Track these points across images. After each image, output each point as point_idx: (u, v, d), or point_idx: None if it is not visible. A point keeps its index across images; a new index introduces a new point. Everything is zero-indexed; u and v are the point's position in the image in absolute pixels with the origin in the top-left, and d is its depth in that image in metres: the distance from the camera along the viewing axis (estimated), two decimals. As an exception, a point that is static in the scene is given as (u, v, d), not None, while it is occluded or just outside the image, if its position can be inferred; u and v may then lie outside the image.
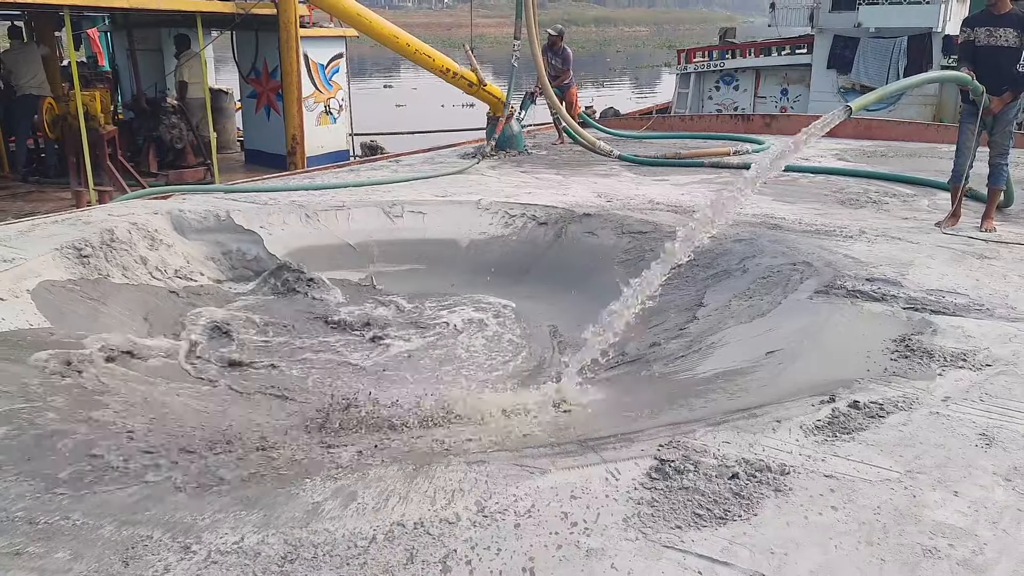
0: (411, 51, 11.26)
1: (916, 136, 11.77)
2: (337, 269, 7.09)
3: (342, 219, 7.55)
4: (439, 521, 2.69)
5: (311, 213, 7.50)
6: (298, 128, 13.85)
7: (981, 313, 4.58)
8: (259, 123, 15.22)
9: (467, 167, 9.80)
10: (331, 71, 15.26)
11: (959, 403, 3.49)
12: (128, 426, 3.64)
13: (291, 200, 7.83)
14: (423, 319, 6.11)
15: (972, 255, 5.80)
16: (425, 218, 7.65)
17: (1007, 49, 6.30)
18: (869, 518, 2.68)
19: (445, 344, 5.72)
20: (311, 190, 8.35)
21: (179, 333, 5.43)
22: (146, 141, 13.61)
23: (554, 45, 12.09)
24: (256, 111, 15.18)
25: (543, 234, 7.33)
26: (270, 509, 2.78)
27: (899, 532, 2.60)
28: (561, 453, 3.21)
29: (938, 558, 2.47)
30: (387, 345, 5.64)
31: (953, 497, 2.80)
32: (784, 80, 18.97)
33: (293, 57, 13.44)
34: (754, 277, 5.59)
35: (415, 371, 5.22)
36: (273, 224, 7.21)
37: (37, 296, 5.14)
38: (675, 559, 2.47)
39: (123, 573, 2.44)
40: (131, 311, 5.62)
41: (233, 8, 13.03)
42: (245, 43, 14.70)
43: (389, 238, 7.45)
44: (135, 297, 5.80)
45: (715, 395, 3.89)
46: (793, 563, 2.45)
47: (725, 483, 2.87)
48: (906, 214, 7.19)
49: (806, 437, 3.21)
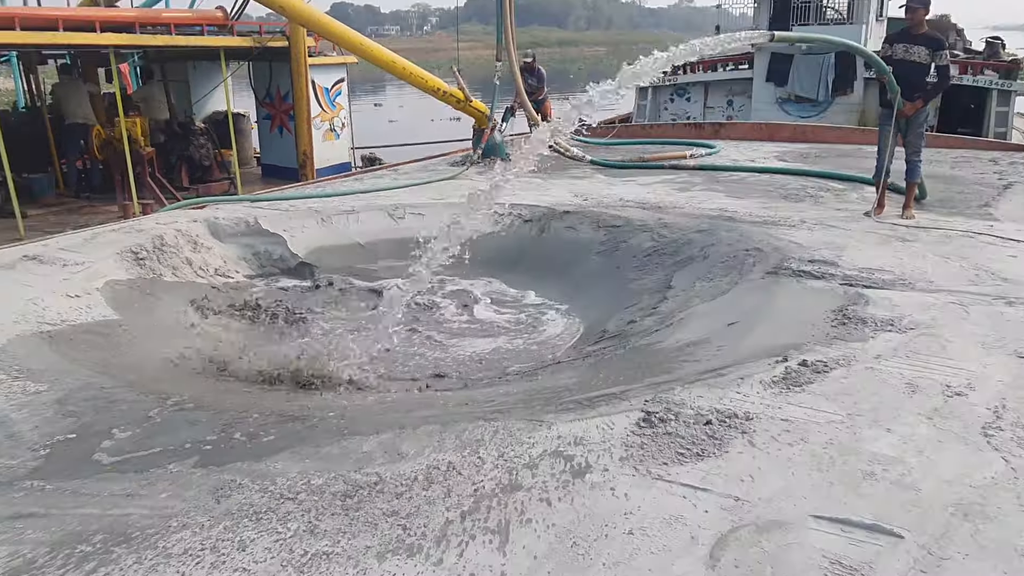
0: (407, 73, 11.27)
1: (844, 139, 11.86)
2: (350, 265, 7.12)
3: (352, 221, 7.54)
4: (468, 465, 2.83)
5: (325, 217, 7.48)
6: (308, 144, 13.91)
7: (904, 287, 4.71)
8: (273, 141, 15.22)
9: (458, 173, 9.72)
10: (334, 93, 15.25)
11: (888, 360, 3.64)
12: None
13: (308, 206, 7.81)
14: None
15: (896, 239, 5.90)
16: (424, 219, 7.54)
17: (919, 64, 6.48)
18: (819, 451, 2.84)
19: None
20: (324, 197, 8.34)
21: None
22: (178, 160, 13.63)
23: (530, 67, 12.23)
24: (271, 130, 15.19)
25: (528, 229, 7.31)
26: (328, 459, 2.92)
27: (843, 461, 2.77)
28: (563, 410, 3.32)
29: (876, 480, 2.66)
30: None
31: (886, 433, 2.97)
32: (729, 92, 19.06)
33: (303, 83, 13.51)
34: (714, 262, 5.64)
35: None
36: (294, 228, 7.19)
37: (105, 293, 5.21)
38: (664, 488, 2.64)
39: (216, 507, 2.58)
40: (185, 302, 5.68)
41: (251, 42, 13.06)
42: (260, 72, 14.70)
43: (394, 237, 7.37)
44: (184, 291, 5.86)
45: (687, 360, 3.97)
46: (759, 488, 2.62)
47: (701, 428, 3.02)
48: (839, 206, 7.26)
49: (765, 390, 3.35)
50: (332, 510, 2.55)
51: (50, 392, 3.63)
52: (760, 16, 19.68)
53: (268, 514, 2.53)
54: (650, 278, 5.90)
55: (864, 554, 2.28)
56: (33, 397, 3.57)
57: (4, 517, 2.55)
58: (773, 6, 19.40)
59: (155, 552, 2.34)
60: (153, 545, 2.38)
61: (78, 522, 2.51)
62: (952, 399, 3.25)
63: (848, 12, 19.21)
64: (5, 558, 2.33)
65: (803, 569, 2.21)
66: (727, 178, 8.90)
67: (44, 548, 2.37)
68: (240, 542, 2.38)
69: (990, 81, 16.66)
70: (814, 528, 2.40)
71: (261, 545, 2.37)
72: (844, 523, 2.42)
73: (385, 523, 2.47)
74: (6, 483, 2.78)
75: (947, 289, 4.66)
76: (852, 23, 18.68)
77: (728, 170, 9.37)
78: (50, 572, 2.27)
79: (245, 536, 2.41)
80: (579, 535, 2.39)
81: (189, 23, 12.75)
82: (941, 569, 2.22)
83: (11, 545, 2.39)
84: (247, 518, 2.51)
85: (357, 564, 2.27)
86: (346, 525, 2.46)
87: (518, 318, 5.99)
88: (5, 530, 2.47)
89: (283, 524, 2.47)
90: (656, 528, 2.42)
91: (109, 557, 2.33)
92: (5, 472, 2.87)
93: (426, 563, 2.28)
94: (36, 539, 2.42)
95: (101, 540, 2.41)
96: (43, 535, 2.44)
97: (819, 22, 19.11)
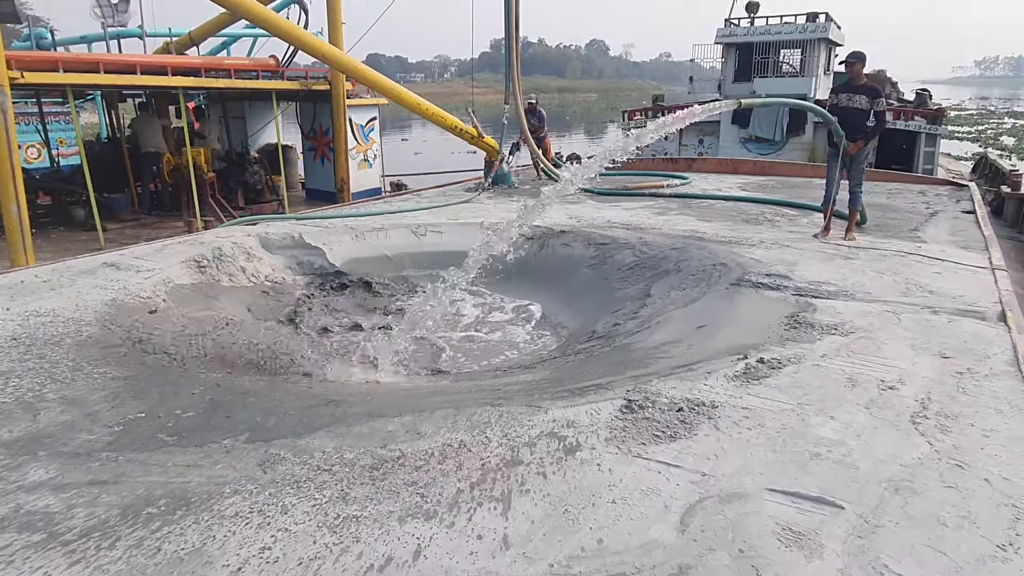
0: (430, 113, 11.35)
1: (796, 172, 11.85)
2: (378, 273, 7.14)
3: (381, 237, 7.54)
4: (477, 443, 2.82)
5: (359, 233, 7.49)
6: (345, 172, 13.93)
7: (847, 297, 4.70)
8: (316, 169, 15.27)
9: (471, 198, 9.77)
10: (368, 129, 15.30)
11: (833, 358, 3.63)
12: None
13: (344, 224, 7.82)
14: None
15: (839, 257, 5.89)
16: (443, 236, 7.62)
17: (860, 111, 6.47)
18: (773, 435, 2.83)
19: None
20: (358, 217, 8.37)
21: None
22: (235, 184, 13.67)
23: (532, 109, 12.26)
24: (314, 160, 15.25)
25: (531, 246, 7.27)
26: (358, 437, 2.92)
27: (794, 443, 2.76)
28: (558, 397, 3.31)
29: (821, 459, 2.65)
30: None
31: (830, 420, 2.96)
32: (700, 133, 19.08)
33: (341, 121, 13.54)
34: (687, 274, 5.62)
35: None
36: (332, 242, 7.19)
37: (171, 295, 5.23)
38: (642, 464, 2.62)
39: (262, 477, 2.58)
40: (238, 304, 5.70)
41: (299, 86, 13.13)
42: (306, 111, 14.76)
43: (416, 251, 7.42)
44: (239, 295, 5.87)
45: (663, 357, 3.95)
46: (723, 465, 2.61)
47: (674, 414, 3.01)
48: (792, 228, 7.25)
49: (728, 383, 3.34)
50: (361, 480, 2.54)
51: (124, 379, 3.63)
52: (727, 69, 19.74)
53: (307, 483, 2.52)
54: (632, 288, 5.87)
55: (811, 522, 2.27)
56: (109, 382, 3.57)
57: (83, 483, 2.55)
58: (738, 61, 19.46)
59: (211, 514, 2.34)
60: (209, 508, 2.37)
61: (145, 488, 2.51)
62: (886, 392, 3.23)
63: (800, 67, 19.26)
64: (83, 518, 2.33)
65: (759, 534, 2.20)
66: (698, 204, 8.91)
67: (116, 510, 2.37)
68: (283, 506, 2.38)
69: (919, 126, 16.72)
70: (769, 500, 2.39)
71: (301, 509, 2.36)
72: (794, 495, 2.41)
73: (406, 491, 2.46)
74: (84, 454, 2.78)
75: (882, 300, 4.64)
76: (804, 75, 18.73)
77: (699, 198, 9.37)
78: (121, 530, 2.26)
79: (287, 501, 2.41)
80: (570, 503, 2.38)
81: (246, 69, 12.80)
82: (876, 536, 2.20)
83: (88, 507, 2.39)
84: (289, 486, 2.50)
85: (382, 526, 2.27)
86: (373, 493, 2.46)
87: (520, 319, 5.98)
88: (83, 494, 2.47)
89: (319, 491, 2.47)
90: (635, 498, 2.40)
91: (171, 518, 2.32)
92: (84, 445, 2.87)
93: (440, 526, 2.27)
94: (109, 502, 2.42)
95: (165, 503, 2.41)
96: (115, 499, 2.44)
97: (776, 74, 19.16)
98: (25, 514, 2.35)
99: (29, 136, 15.58)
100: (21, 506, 2.40)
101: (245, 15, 10.91)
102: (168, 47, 14.40)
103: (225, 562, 2.10)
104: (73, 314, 4.48)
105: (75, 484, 2.54)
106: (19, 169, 8.62)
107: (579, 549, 2.14)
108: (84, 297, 4.82)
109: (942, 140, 17.39)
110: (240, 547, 2.16)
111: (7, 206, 8.51)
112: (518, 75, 10.62)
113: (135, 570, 2.07)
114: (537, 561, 2.09)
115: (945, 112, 18.06)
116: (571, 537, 2.20)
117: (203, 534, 2.23)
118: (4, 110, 8.31)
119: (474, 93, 18.21)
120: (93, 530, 2.26)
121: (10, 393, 3.35)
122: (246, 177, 13.75)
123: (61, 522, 2.31)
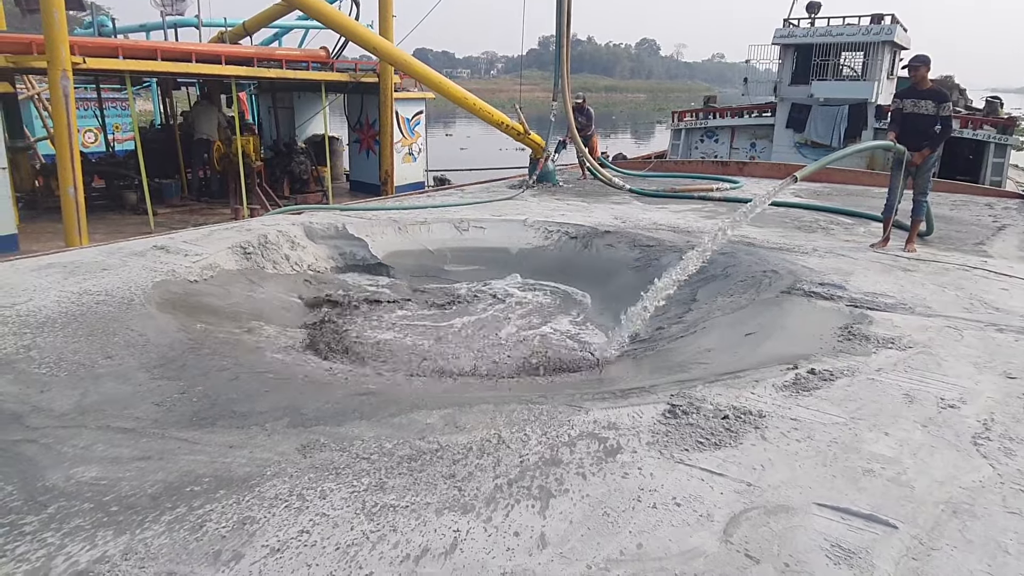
0: (477, 108, 11.40)
1: (854, 180, 11.59)
2: (421, 265, 7.16)
3: (424, 231, 7.61)
4: (516, 440, 2.82)
5: (402, 226, 7.56)
6: (390, 165, 14.09)
7: (904, 310, 4.58)
8: (361, 161, 15.44)
9: (515, 195, 9.77)
10: (414, 123, 15.41)
11: (888, 373, 3.53)
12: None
13: (387, 217, 7.90)
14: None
15: (898, 268, 5.75)
16: (485, 232, 7.67)
17: (926, 116, 6.29)
18: (823, 448, 2.76)
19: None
20: (401, 210, 8.44)
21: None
22: (282, 173, 13.96)
23: (580, 108, 12.22)
24: (359, 152, 15.43)
25: (574, 245, 7.30)
26: (397, 427, 2.95)
27: (845, 458, 2.69)
28: (599, 398, 3.30)
29: (874, 476, 2.58)
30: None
31: (884, 436, 2.88)
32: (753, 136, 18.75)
33: (388, 114, 13.68)
34: (735, 280, 5.55)
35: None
36: (375, 234, 7.28)
37: (216, 279, 5.37)
38: (685, 470, 2.59)
39: (302, 461, 2.63)
40: (282, 289, 5.80)
41: (348, 78, 13.31)
42: (354, 103, 14.93)
43: (459, 246, 7.48)
44: (282, 281, 5.98)
45: (709, 362, 3.92)
46: (768, 476, 2.56)
47: (719, 422, 2.97)
48: (847, 237, 7.10)
49: (777, 392, 3.28)
50: (399, 470, 2.57)
51: (173, 359, 3.74)
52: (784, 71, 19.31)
53: (346, 470, 2.56)
54: (677, 292, 5.77)
55: (862, 540, 2.21)
56: (159, 364, 3.68)
57: (131, 459, 2.63)
58: (796, 63, 19.03)
59: (251, 495, 2.39)
60: (250, 489, 2.43)
61: (189, 465, 2.58)
62: (945, 410, 3.13)
63: (863, 70, 18.72)
64: (128, 493, 2.40)
65: (806, 549, 2.15)
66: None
67: (161, 486, 2.44)
68: (321, 491, 2.42)
69: (988, 135, 16.12)
70: (817, 514, 2.33)
71: (339, 495, 2.40)
72: (844, 512, 2.35)
73: (443, 484, 2.48)
74: (132, 430, 2.87)
75: (944, 314, 4.50)
76: (866, 79, 18.21)
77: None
78: (166, 504, 2.33)
79: (326, 487, 2.45)
80: (610, 506, 2.36)
81: (297, 59, 13.04)
82: (931, 558, 2.13)
83: (135, 482, 2.47)
84: (328, 472, 2.55)
85: (419, 517, 2.29)
86: (411, 484, 2.48)
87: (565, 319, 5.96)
88: (131, 470, 2.55)
89: (358, 479, 2.50)
90: (677, 504, 2.38)
91: (213, 496, 2.38)
92: (133, 423, 2.96)
93: (477, 520, 2.28)
94: (155, 479, 2.49)
95: (208, 482, 2.47)
96: (161, 475, 2.52)
97: (836, 78, 18.66)
98: (75, 484, 2.45)
99: (87, 121, 16.17)
100: (71, 476, 2.49)
101: (300, 6, 11.11)
102: (222, 36, 14.77)
103: (264, 542, 2.14)
104: (125, 293, 4.63)
105: (123, 459, 2.63)
106: (78, 153, 8.94)
107: (618, 552, 2.13)
108: (135, 277, 4.98)
109: (1013, 151, 16.73)
110: (279, 529, 2.21)
111: (65, 188, 8.84)
112: (567, 72, 10.59)
113: (177, 544, 2.13)
114: (575, 562, 2.08)
115: (1017, 122, 17.39)
116: (610, 540, 2.19)
117: (243, 514, 2.28)
118: (67, 94, 8.64)
119: (521, 90, 18.23)
120: (139, 503, 2.34)
121: (64, 367, 3.48)
122: (292, 167, 14.06)
123: (108, 493, 2.39)
